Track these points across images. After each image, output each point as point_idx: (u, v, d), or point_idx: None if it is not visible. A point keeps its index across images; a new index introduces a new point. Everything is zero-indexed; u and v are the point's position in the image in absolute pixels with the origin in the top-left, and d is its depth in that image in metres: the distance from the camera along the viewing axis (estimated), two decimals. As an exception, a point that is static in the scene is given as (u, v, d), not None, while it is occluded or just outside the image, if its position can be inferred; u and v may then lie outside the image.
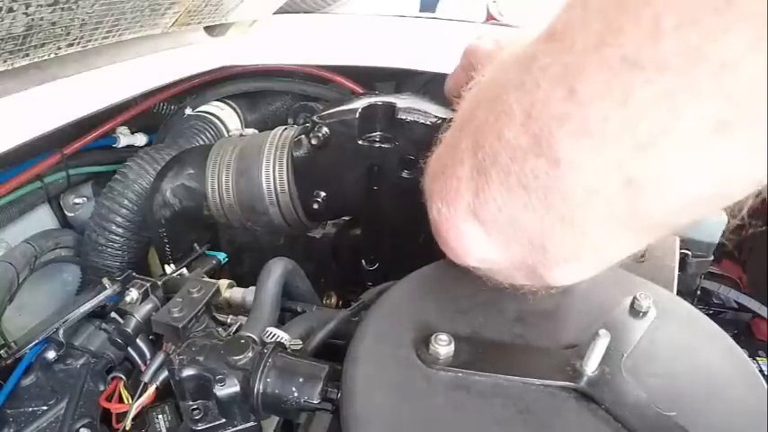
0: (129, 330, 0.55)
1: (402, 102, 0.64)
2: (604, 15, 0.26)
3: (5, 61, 0.54)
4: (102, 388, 0.62)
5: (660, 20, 0.23)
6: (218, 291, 0.54)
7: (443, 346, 0.36)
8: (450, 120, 0.39)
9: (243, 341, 0.44)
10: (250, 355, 0.43)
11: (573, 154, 0.28)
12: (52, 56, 0.60)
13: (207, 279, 0.67)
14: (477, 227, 0.34)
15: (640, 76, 0.25)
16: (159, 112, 1.05)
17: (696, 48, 0.23)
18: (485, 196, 0.32)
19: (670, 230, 0.32)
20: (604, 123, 0.26)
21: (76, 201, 0.95)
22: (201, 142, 0.95)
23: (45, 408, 0.58)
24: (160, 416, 0.56)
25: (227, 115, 1.03)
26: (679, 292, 0.48)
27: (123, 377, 0.62)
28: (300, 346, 0.47)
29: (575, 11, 0.28)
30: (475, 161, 0.32)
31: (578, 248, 0.32)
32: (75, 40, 0.61)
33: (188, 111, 1.03)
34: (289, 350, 0.46)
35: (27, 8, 0.49)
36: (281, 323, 0.55)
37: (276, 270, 0.57)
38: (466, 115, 0.36)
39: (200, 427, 0.45)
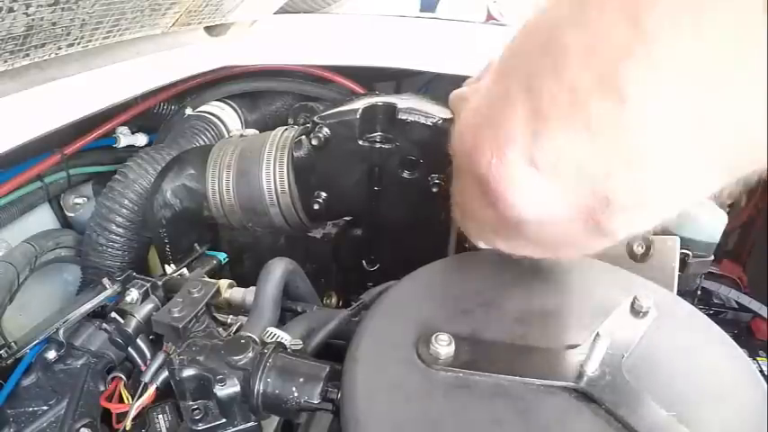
0: (129, 330, 0.56)
1: (403, 102, 0.64)
2: None
3: (6, 61, 0.54)
4: (102, 388, 0.62)
5: None
6: (218, 291, 0.54)
7: (444, 346, 0.36)
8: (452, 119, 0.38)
9: (243, 341, 0.44)
10: (250, 355, 0.43)
11: (640, 89, 0.26)
12: (52, 56, 0.60)
13: (207, 279, 0.67)
14: (534, 173, 0.32)
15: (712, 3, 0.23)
16: (159, 112, 1.05)
17: None
18: (544, 139, 0.30)
19: (743, 172, 0.29)
20: (673, 57, 0.25)
21: (77, 201, 0.95)
22: (202, 142, 0.95)
23: (45, 408, 0.58)
24: (160, 416, 0.56)
25: (227, 115, 1.03)
26: (679, 292, 0.48)
27: (123, 377, 0.62)
28: (301, 347, 0.47)
29: None
30: (531, 105, 0.30)
31: (645, 193, 0.30)
32: (75, 40, 0.61)
33: (188, 111, 1.03)
34: (289, 350, 0.46)
35: (27, 8, 0.49)
36: (281, 323, 0.55)
37: (276, 270, 0.57)
38: (509, 65, 0.34)
39: (201, 427, 0.45)
